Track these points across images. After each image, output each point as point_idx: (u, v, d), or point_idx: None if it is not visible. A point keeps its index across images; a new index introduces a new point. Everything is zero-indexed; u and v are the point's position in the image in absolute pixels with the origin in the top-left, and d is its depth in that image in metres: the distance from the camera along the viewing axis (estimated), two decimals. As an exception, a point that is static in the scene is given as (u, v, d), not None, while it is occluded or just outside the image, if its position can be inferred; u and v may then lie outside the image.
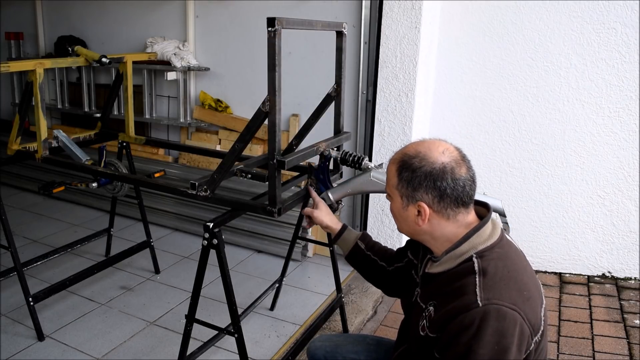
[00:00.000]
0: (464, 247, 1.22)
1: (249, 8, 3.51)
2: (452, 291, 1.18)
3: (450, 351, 1.13)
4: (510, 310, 1.11)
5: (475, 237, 1.22)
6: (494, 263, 1.18)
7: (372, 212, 3.17)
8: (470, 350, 1.09)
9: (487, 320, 1.09)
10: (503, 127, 3.21)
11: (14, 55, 4.57)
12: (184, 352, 1.93)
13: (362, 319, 2.77)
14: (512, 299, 1.12)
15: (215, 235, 1.72)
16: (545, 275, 3.26)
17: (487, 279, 1.15)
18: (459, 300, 1.14)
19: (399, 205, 1.28)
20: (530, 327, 1.13)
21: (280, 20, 1.53)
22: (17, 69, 2.47)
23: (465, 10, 3.11)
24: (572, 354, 2.46)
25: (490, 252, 1.20)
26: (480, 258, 1.19)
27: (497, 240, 1.23)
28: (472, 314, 1.10)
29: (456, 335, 1.12)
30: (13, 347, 2.40)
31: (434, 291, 1.26)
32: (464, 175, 1.21)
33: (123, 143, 2.83)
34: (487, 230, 1.24)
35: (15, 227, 3.23)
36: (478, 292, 1.13)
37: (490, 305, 1.10)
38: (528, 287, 1.17)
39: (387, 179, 1.31)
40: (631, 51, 2.89)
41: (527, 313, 1.13)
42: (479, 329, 1.09)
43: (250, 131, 1.70)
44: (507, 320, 1.10)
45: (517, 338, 1.10)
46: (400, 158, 1.26)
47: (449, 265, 1.24)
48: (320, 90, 2.18)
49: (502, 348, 1.09)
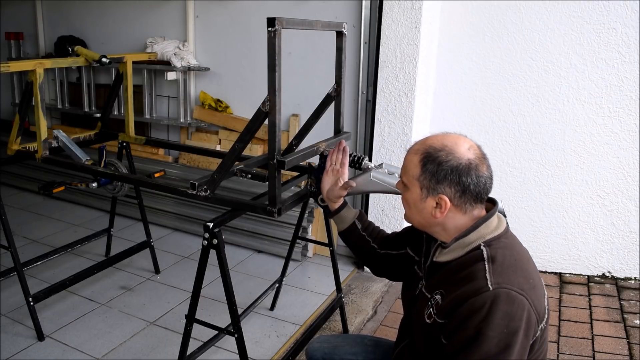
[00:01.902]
0: (472, 237, 1.25)
1: (249, 8, 3.51)
2: (460, 278, 1.20)
3: (459, 335, 1.15)
4: (519, 295, 1.13)
5: (483, 227, 1.25)
6: (502, 251, 1.21)
7: (372, 212, 3.17)
8: (480, 332, 1.11)
9: (498, 304, 1.11)
10: (503, 127, 3.21)
11: (14, 55, 4.57)
12: (184, 352, 1.93)
13: (362, 319, 2.77)
14: (520, 284, 1.15)
15: (215, 235, 1.72)
16: (545, 275, 3.26)
17: (495, 265, 1.18)
18: (468, 286, 1.16)
19: (416, 197, 1.28)
20: (537, 314, 1.16)
21: (280, 20, 1.53)
22: (17, 69, 2.47)
23: (465, 10, 3.11)
24: (572, 354, 2.46)
25: (498, 241, 1.23)
26: (488, 246, 1.22)
27: (503, 231, 1.26)
28: (483, 297, 1.13)
29: (466, 318, 1.14)
30: (13, 347, 2.40)
31: (442, 280, 1.27)
32: (485, 173, 1.24)
33: (123, 143, 2.83)
34: (494, 221, 1.27)
35: (15, 227, 3.22)
36: (488, 277, 1.15)
37: (500, 289, 1.13)
38: (533, 277, 1.21)
39: (406, 169, 1.30)
40: (631, 51, 2.89)
41: (534, 300, 1.15)
42: (489, 311, 1.11)
43: (250, 131, 1.70)
44: (516, 304, 1.12)
45: (525, 323, 1.12)
46: (424, 149, 1.27)
47: (456, 254, 1.26)
48: (320, 90, 2.18)
49: (511, 331, 1.11)
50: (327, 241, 2.50)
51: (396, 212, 3.12)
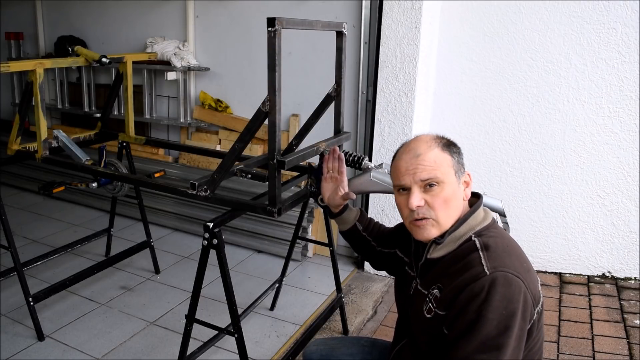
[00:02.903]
0: (462, 229, 1.28)
1: (249, 8, 3.51)
2: (457, 270, 1.22)
3: (459, 320, 1.17)
4: (515, 277, 1.16)
5: (472, 219, 1.29)
6: (493, 239, 1.25)
7: (372, 212, 3.17)
8: (480, 315, 1.13)
9: (496, 286, 1.14)
10: (503, 127, 3.21)
11: (14, 55, 4.57)
12: (184, 352, 1.93)
13: (362, 319, 2.77)
14: (516, 268, 1.18)
15: (215, 235, 1.72)
16: (545, 275, 3.26)
17: (490, 252, 1.21)
18: (466, 274, 1.19)
19: (454, 184, 1.28)
20: (532, 297, 1.18)
21: (280, 20, 1.53)
22: (17, 69, 2.47)
23: (465, 10, 3.11)
24: (572, 354, 2.46)
25: (487, 231, 1.28)
26: (479, 236, 1.26)
27: (491, 222, 1.31)
28: (482, 282, 1.15)
29: (466, 304, 1.16)
30: (13, 347, 2.40)
31: (438, 275, 1.28)
32: None
33: (123, 143, 2.83)
34: (480, 213, 1.32)
35: (15, 227, 3.23)
36: (484, 263, 1.18)
37: (497, 272, 1.16)
38: (526, 261, 1.25)
39: (435, 165, 1.26)
40: (631, 51, 2.88)
41: (529, 283, 1.18)
42: (488, 294, 1.14)
43: (250, 131, 1.70)
44: (513, 286, 1.15)
45: (522, 304, 1.15)
46: (433, 140, 1.30)
47: (449, 248, 1.28)
48: (320, 90, 2.18)
49: (509, 313, 1.13)
50: (327, 241, 2.50)
51: (396, 212, 3.12)
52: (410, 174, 1.27)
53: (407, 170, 1.28)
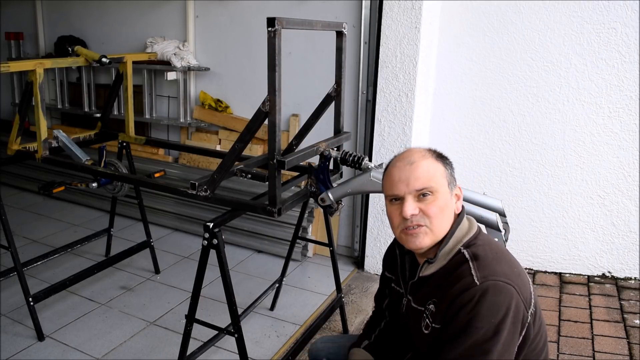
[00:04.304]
0: (450, 244, 1.29)
1: (249, 8, 3.51)
2: (449, 283, 1.23)
3: (450, 328, 1.20)
4: (506, 284, 1.18)
5: (458, 232, 1.31)
6: (482, 248, 1.27)
7: (372, 212, 3.17)
8: (469, 324, 1.16)
9: (485, 296, 1.16)
10: (503, 127, 3.21)
11: (14, 55, 4.57)
12: (184, 352, 1.93)
13: (362, 319, 2.77)
14: (506, 274, 1.20)
15: (215, 235, 1.72)
16: (545, 275, 3.26)
17: (479, 261, 1.22)
18: (457, 285, 1.20)
19: (447, 195, 1.29)
20: (524, 300, 1.20)
21: (280, 20, 1.53)
22: (17, 69, 2.47)
23: (465, 10, 3.11)
24: (572, 354, 2.46)
25: (475, 240, 1.29)
26: (467, 248, 1.27)
27: (477, 231, 1.33)
28: (472, 292, 1.17)
29: (456, 312, 1.18)
30: (13, 347, 2.40)
31: (431, 290, 1.29)
32: None
33: (123, 143, 2.83)
34: (465, 223, 1.33)
35: (15, 227, 3.22)
36: (474, 273, 1.20)
37: (487, 282, 1.18)
38: (516, 265, 1.26)
39: (429, 174, 1.26)
40: (631, 51, 2.88)
41: (520, 287, 1.20)
42: (477, 304, 1.16)
43: (250, 131, 1.70)
44: (502, 294, 1.17)
45: (513, 311, 1.16)
46: (427, 153, 1.31)
47: (440, 264, 1.30)
48: (320, 90, 2.18)
49: (498, 321, 1.15)
50: (327, 241, 2.50)
51: (396, 212, 3.12)
52: (404, 182, 1.26)
53: (400, 179, 1.27)
